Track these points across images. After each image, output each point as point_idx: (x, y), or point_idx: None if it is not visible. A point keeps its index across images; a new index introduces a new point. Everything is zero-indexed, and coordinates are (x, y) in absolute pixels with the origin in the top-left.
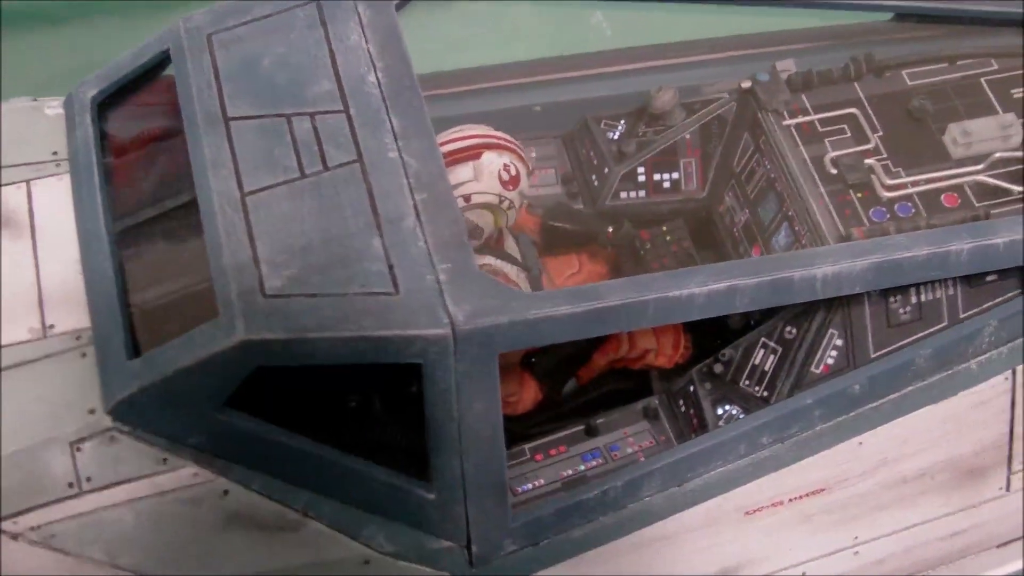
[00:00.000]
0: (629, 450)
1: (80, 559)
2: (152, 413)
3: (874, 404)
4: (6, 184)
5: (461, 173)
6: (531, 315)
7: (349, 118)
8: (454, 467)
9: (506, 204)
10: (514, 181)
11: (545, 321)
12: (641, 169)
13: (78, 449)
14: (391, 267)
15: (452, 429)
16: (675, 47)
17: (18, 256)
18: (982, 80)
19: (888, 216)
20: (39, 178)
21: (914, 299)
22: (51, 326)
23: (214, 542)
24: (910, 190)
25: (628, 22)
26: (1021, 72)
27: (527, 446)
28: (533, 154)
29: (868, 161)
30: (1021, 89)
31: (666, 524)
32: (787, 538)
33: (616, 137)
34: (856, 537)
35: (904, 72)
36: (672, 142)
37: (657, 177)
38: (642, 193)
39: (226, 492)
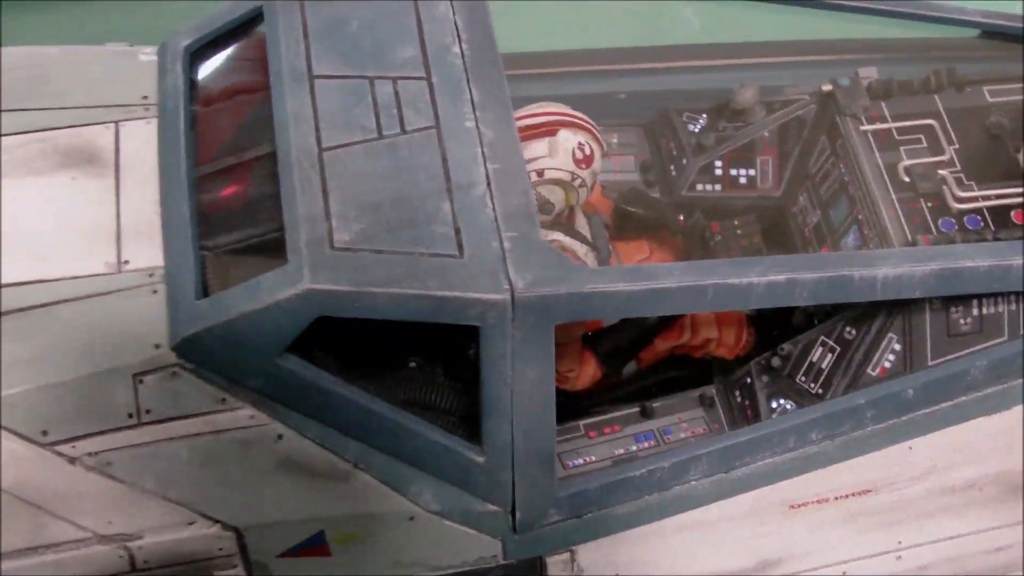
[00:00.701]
0: (682, 435)
1: (133, 488)
2: (215, 353)
3: (927, 410)
4: (96, 124)
5: (536, 148)
6: (588, 288)
7: (430, 85)
8: (504, 432)
9: (578, 182)
10: (588, 160)
11: (602, 295)
12: (719, 163)
13: (140, 381)
14: (458, 231)
15: (505, 394)
16: (760, 47)
17: (101, 193)
18: None
19: (956, 227)
20: (128, 120)
21: (975, 311)
22: (126, 261)
23: (264, 484)
24: (981, 204)
25: (717, 18)
26: None
27: (582, 422)
28: (614, 140)
29: (941, 172)
30: None
31: (710, 510)
32: (830, 536)
33: (697, 130)
34: (900, 542)
35: (985, 88)
36: (750, 139)
37: (734, 172)
38: (718, 187)
39: (280, 436)
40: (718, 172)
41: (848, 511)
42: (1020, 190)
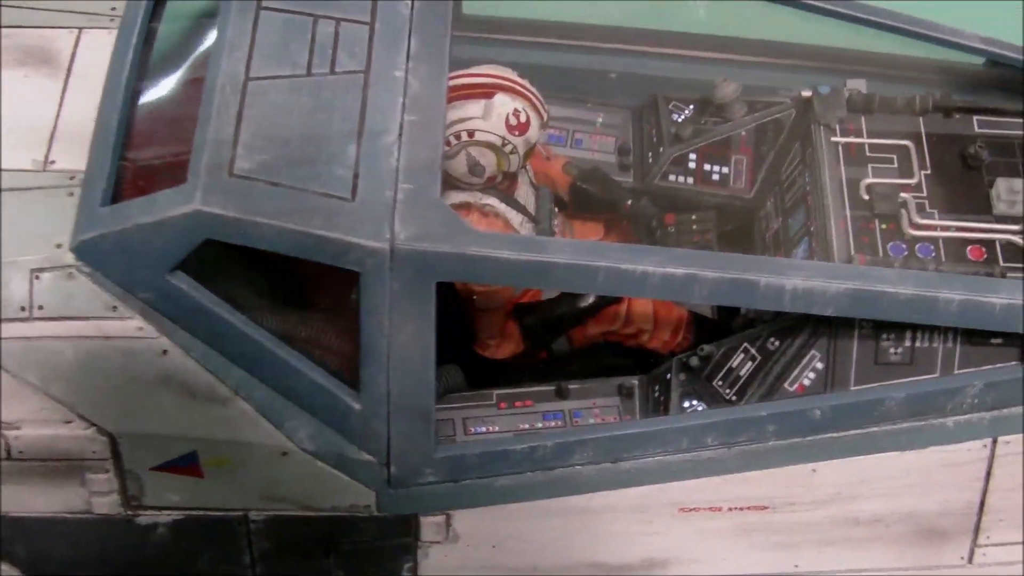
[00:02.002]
0: (592, 420)
1: (17, 379)
2: (110, 260)
3: (834, 434)
4: (61, 27)
5: (471, 108)
6: (472, 251)
7: (371, 31)
8: (381, 383)
9: (509, 148)
10: (521, 128)
11: (485, 260)
12: (693, 156)
13: (37, 277)
14: (356, 176)
15: (382, 344)
16: (760, 45)
17: (48, 92)
18: None
19: (906, 253)
20: (91, 28)
21: (908, 342)
22: (52, 162)
23: (143, 396)
24: (938, 233)
25: (724, 11)
26: None
27: (496, 392)
28: (599, 119)
29: (904, 195)
30: None
31: (594, 498)
32: (722, 546)
33: (680, 120)
34: (796, 566)
35: (975, 118)
36: (727, 136)
37: (707, 167)
38: (690, 180)
39: (165, 352)
40: (692, 165)
41: (742, 524)
42: (983, 225)
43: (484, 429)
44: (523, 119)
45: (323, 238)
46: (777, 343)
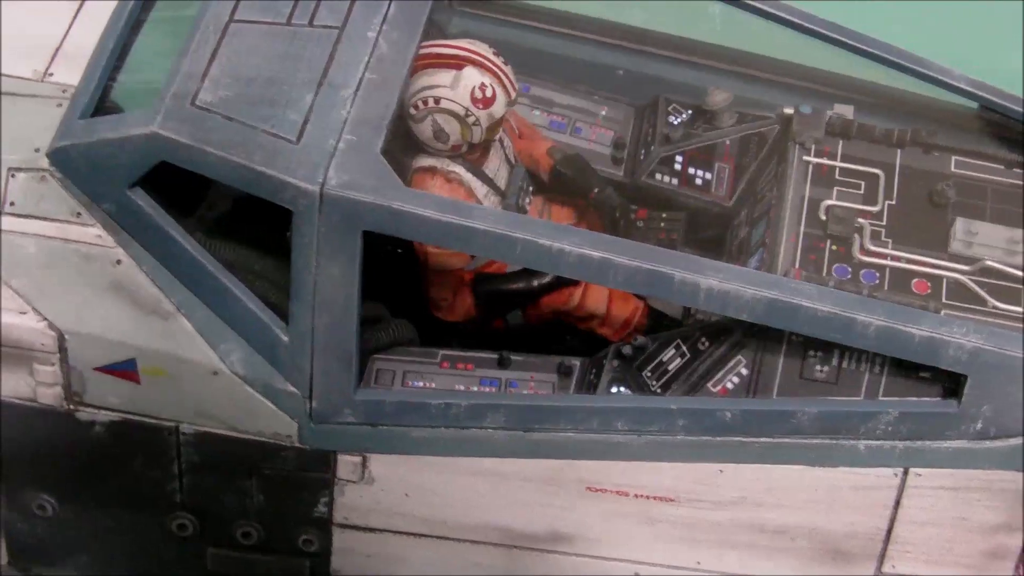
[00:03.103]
0: (525, 392)
1: None
2: (78, 169)
3: (743, 438)
4: None
5: (441, 77)
6: (396, 205)
7: None
8: (307, 319)
9: (471, 119)
10: (486, 102)
11: (409, 216)
12: (680, 158)
13: (13, 175)
14: (307, 121)
15: (309, 283)
16: (772, 64)
17: (62, 12)
18: None
19: (849, 276)
20: None
21: (835, 362)
22: (51, 74)
23: (94, 300)
24: (886, 262)
25: (740, 24)
26: None
27: (442, 351)
28: (603, 112)
29: (861, 221)
30: None
31: (504, 463)
32: (626, 531)
33: (676, 123)
34: (699, 563)
35: (954, 157)
36: (712, 143)
37: (691, 171)
38: (675, 181)
39: (119, 262)
40: (678, 167)
41: (648, 513)
42: (932, 261)
43: (420, 384)
44: (488, 94)
45: (262, 174)
46: (707, 344)
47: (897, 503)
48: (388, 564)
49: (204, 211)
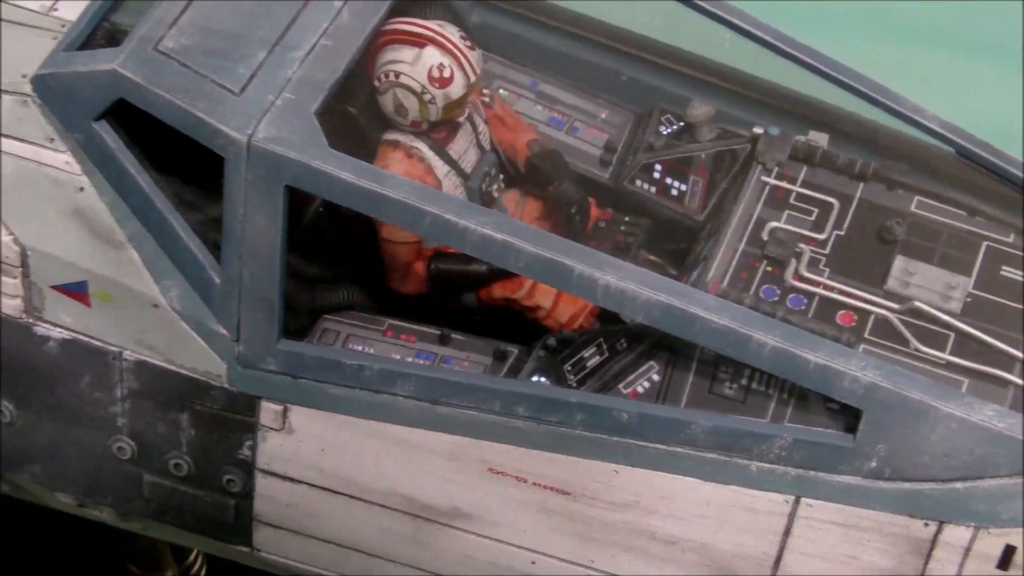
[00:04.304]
0: (456, 369)
1: None
2: (54, 98)
3: (638, 442)
4: None
5: (404, 53)
6: (315, 164)
7: None
8: (235, 264)
9: (428, 97)
10: (443, 82)
11: (326, 176)
12: (659, 167)
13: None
14: (253, 76)
15: (237, 229)
16: (770, 90)
17: None
18: (985, 244)
19: (776, 298)
20: None
21: (744, 381)
22: (56, 9)
23: (56, 222)
24: (817, 290)
25: (748, 49)
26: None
27: (390, 321)
28: (603, 115)
29: (802, 246)
30: (1013, 270)
31: (413, 433)
32: (524, 518)
33: (665, 132)
34: (592, 561)
35: (917, 197)
36: (688, 155)
37: (668, 181)
38: (653, 189)
39: (82, 189)
40: (656, 176)
41: (545, 503)
42: (862, 294)
43: (360, 348)
44: (446, 75)
45: (200, 119)
46: (625, 345)
47: (787, 531)
48: (305, 516)
49: (168, 151)
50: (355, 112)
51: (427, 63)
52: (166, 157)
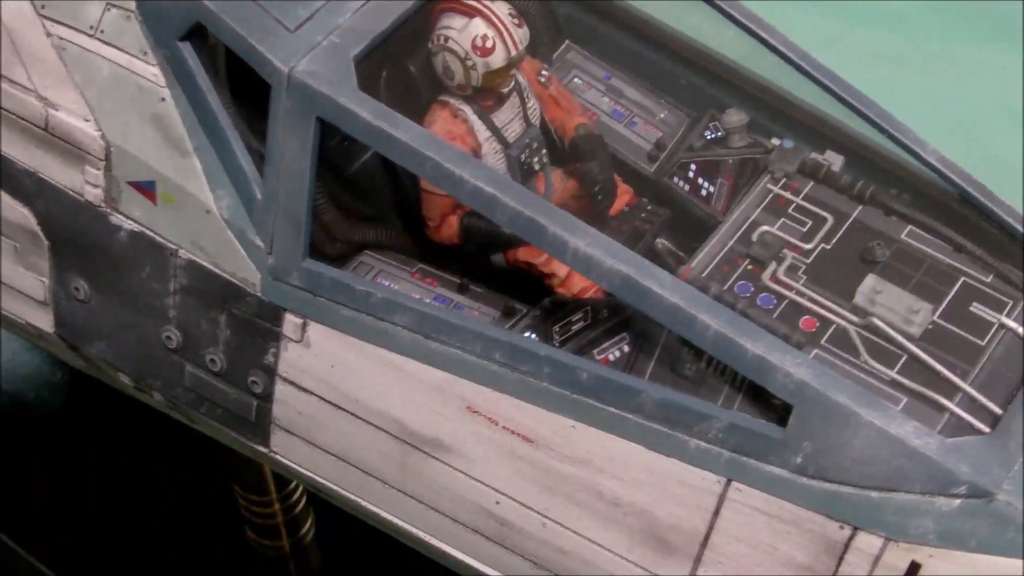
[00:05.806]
0: (449, 310)
1: (68, 75)
2: (150, 16)
3: (593, 402)
4: None
5: (456, 21)
6: (341, 100)
7: None
8: (274, 182)
9: (470, 63)
10: (484, 52)
11: (348, 113)
12: (693, 166)
13: (108, 9)
14: (308, 19)
15: (277, 151)
16: (815, 117)
17: None
18: (962, 279)
19: (748, 295)
20: None
21: (702, 364)
22: None
23: (137, 123)
24: (788, 293)
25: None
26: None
27: (421, 265)
28: (663, 115)
29: (786, 252)
30: (983, 308)
31: (408, 362)
32: (493, 458)
33: (708, 136)
34: (547, 509)
35: (909, 226)
36: (717, 159)
37: (700, 180)
38: (686, 187)
39: (163, 99)
40: (691, 175)
41: (512, 447)
42: (827, 304)
43: (386, 283)
44: (489, 45)
45: (254, 48)
46: (606, 315)
47: (717, 511)
48: (314, 426)
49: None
50: (415, 72)
51: (473, 32)
52: (240, 81)
